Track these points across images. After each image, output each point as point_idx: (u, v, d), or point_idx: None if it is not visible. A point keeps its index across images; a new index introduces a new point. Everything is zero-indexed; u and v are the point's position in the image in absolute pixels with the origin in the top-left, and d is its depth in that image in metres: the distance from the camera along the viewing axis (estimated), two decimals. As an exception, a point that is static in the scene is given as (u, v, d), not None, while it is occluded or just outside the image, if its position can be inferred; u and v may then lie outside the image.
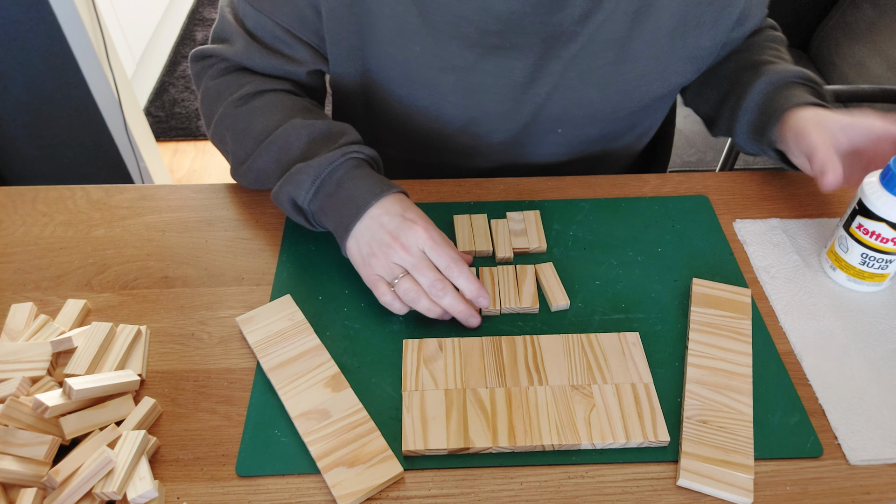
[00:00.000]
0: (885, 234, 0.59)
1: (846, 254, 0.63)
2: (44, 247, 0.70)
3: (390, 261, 0.60)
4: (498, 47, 0.69)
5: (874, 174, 0.60)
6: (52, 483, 0.48)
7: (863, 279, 0.63)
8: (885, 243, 0.59)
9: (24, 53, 1.48)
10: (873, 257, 0.61)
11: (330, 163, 0.63)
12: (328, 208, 0.63)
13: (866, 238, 0.60)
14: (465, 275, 0.59)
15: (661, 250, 0.69)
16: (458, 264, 0.59)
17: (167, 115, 2.21)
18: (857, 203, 0.61)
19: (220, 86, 0.72)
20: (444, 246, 0.59)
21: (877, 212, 0.58)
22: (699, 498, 0.51)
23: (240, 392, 0.58)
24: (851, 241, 0.62)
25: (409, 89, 0.73)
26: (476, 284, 0.59)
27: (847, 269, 0.63)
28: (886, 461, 0.53)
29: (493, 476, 0.53)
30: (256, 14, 0.69)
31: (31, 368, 0.56)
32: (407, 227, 0.59)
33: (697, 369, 0.58)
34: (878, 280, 0.63)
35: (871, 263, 0.61)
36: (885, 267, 0.62)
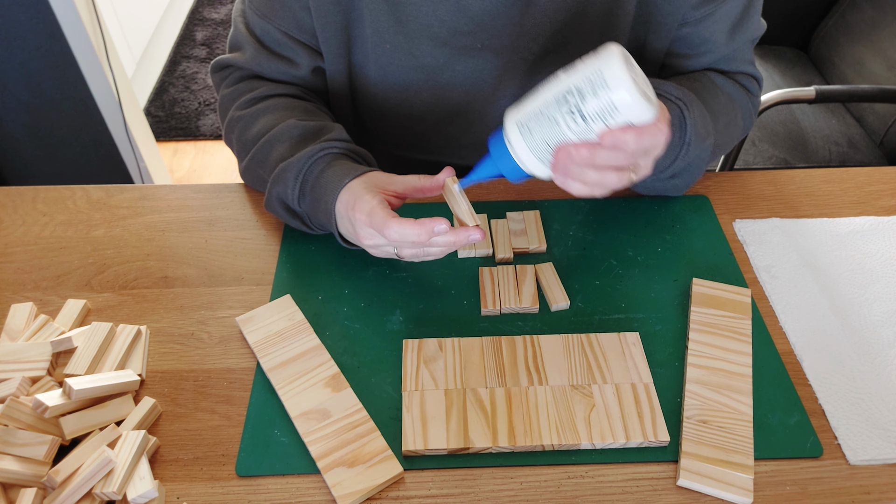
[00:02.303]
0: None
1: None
2: (44, 247, 0.70)
3: (377, 252, 0.61)
4: (469, 48, 0.69)
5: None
6: (52, 483, 0.48)
7: None
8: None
9: (24, 53, 1.48)
10: None
11: (308, 157, 0.63)
12: (314, 206, 0.63)
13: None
14: (398, 231, 0.55)
15: (661, 250, 0.69)
16: (386, 227, 0.56)
17: (167, 115, 2.21)
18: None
19: (232, 93, 0.74)
20: (374, 219, 0.57)
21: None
22: (699, 498, 0.51)
23: (240, 392, 0.58)
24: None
25: (384, 86, 0.73)
26: (415, 229, 0.55)
27: None
28: (886, 461, 0.53)
29: (493, 476, 0.53)
30: (261, 21, 0.70)
31: (31, 368, 0.56)
32: (355, 222, 0.58)
33: (697, 369, 0.58)
34: None
35: None
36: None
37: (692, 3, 0.67)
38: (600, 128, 0.50)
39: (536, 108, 0.52)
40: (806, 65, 1.54)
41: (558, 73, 0.52)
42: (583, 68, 0.50)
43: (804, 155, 1.31)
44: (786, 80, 1.48)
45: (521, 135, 0.53)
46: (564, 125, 0.51)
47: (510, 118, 0.54)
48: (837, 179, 0.78)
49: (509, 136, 0.53)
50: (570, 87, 0.50)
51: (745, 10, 0.70)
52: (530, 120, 0.52)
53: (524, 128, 0.52)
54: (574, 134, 0.51)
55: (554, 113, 0.51)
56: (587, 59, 0.50)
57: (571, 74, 0.50)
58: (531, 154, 0.53)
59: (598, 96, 0.49)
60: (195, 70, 2.38)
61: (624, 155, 0.52)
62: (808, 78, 1.50)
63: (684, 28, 0.70)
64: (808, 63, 1.55)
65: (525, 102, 0.53)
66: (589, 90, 0.49)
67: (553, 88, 0.51)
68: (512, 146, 0.53)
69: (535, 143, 0.52)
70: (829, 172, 0.78)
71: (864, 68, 1.39)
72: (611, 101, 0.49)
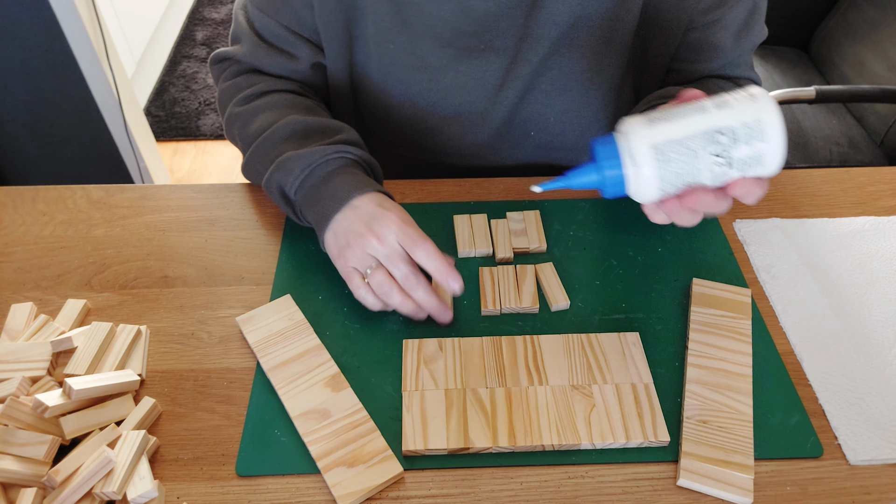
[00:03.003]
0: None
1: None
2: (44, 246, 0.70)
3: (365, 251, 0.59)
4: (472, 48, 0.69)
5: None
6: (52, 483, 0.48)
7: None
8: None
9: (24, 53, 1.48)
10: None
11: (322, 155, 0.63)
12: (311, 200, 0.63)
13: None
14: (429, 253, 0.58)
15: (661, 250, 0.69)
16: (423, 242, 0.58)
17: (167, 114, 2.21)
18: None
19: (231, 87, 0.73)
20: (413, 227, 0.59)
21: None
22: (699, 498, 0.51)
23: (240, 392, 0.58)
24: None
25: (386, 86, 0.73)
26: (442, 262, 0.58)
27: None
28: (886, 461, 0.53)
29: (493, 476, 0.53)
30: (261, 15, 0.70)
31: (31, 368, 0.56)
32: (381, 216, 0.59)
33: (697, 369, 0.58)
34: None
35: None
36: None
37: (700, 8, 0.67)
38: (735, 175, 0.48)
39: (680, 136, 0.48)
40: (806, 65, 1.54)
41: (705, 102, 0.48)
42: (738, 109, 0.47)
43: (805, 155, 1.31)
44: (786, 80, 1.48)
45: (657, 160, 0.48)
46: (706, 165, 0.48)
47: (640, 136, 0.48)
48: (838, 179, 0.78)
49: (636, 155, 0.48)
50: (723, 126, 0.47)
51: (751, 16, 0.70)
52: (670, 147, 0.48)
53: (662, 153, 0.48)
54: (710, 174, 0.48)
55: (699, 149, 0.47)
56: (741, 98, 0.48)
57: (725, 112, 0.47)
58: (659, 181, 0.49)
59: (752, 145, 0.47)
60: (195, 70, 2.38)
61: (729, 204, 0.50)
62: (808, 78, 1.50)
63: (691, 33, 0.70)
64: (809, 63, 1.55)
65: (661, 123, 0.48)
66: (743, 136, 0.47)
67: (700, 120, 0.47)
68: (638, 167, 0.48)
69: (668, 172, 0.48)
70: (829, 172, 0.78)
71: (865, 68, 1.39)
72: (760, 153, 0.47)
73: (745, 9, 0.69)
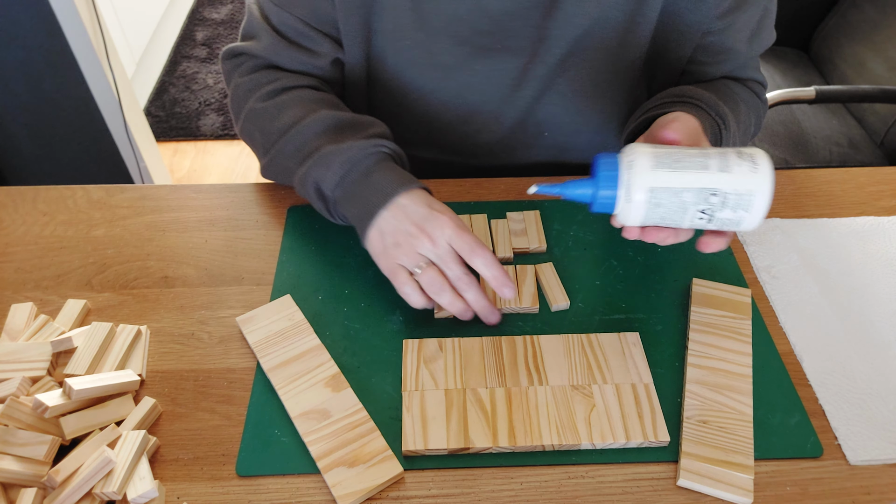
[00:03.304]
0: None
1: None
2: (44, 246, 0.70)
3: (415, 251, 0.59)
4: (488, 48, 0.69)
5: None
6: (52, 483, 0.48)
7: None
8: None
9: (24, 53, 1.48)
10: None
11: (361, 149, 0.62)
12: (351, 196, 0.62)
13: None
14: (487, 261, 0.58)
15: (661, 250, 0.69)
16: (481, 249, 0.58)
17: (167, 115, 2.21)
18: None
19: (249, 83, 0.72)
20: (469, 233, 0.59)
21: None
22: (699, 498, 0.51)
23: (240, 392, 0.58)
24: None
25: (400, 83, 0.73)
26: (499, 270, 0.58)
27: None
28: (887, 461, 0.53)
29: (493, 476, 0.53)
30: (278, 10, 0.69)
31: (31, 368, 0.56)
32: (434, 218, 0.59)
33: (697, 369, 0.58)
34: None
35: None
36: None
37: (716, 12, 0.68)
38: (711, 228, 0.52)
39: (677, 187, 0.50)
40: (806, 65, 1.54)
41: (710, 154, 0.51)
42: (737, 176, 0.49)
43: (805, 155, 1.31)
44: (786, 80, 1.48)
45: (649, 200, 0.51)
46: (690, 215, 0.51)
47: (643, 178, 0.50)
48: (838, 180, 0.78)
49: (633, 190, 0.51)
50: (717, 189, 0.49)
51: (762, 19, 0.71)
52: (664, 194, 0.50)
53: (655, 197, 0.51)
54: (689, 223, 0.52)
55: (689, 203, 0.50)
56: (743, 164, 0.50)
57: (724, 175, 0.49)
58: (643, 218, 0.52)
59: (736, 212, 0.50)
60: (195, 70, 2.38)
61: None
62: (808, 78, 1.50)
63: (707, 37, 0.71)
64: (809, 63, 1.55)
65: (663, 168, 0.50)
66: (732, 203, 0.50)
67: (700, 177, 0.50)
68: (630, 200, 0.51)
69: (655, 214, 0.51)
70: (829, 173, 0.78)
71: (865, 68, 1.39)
72: (740, 219, 0.50)
73: (757, 12, 0.70)
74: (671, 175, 0.50)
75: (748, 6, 0.68)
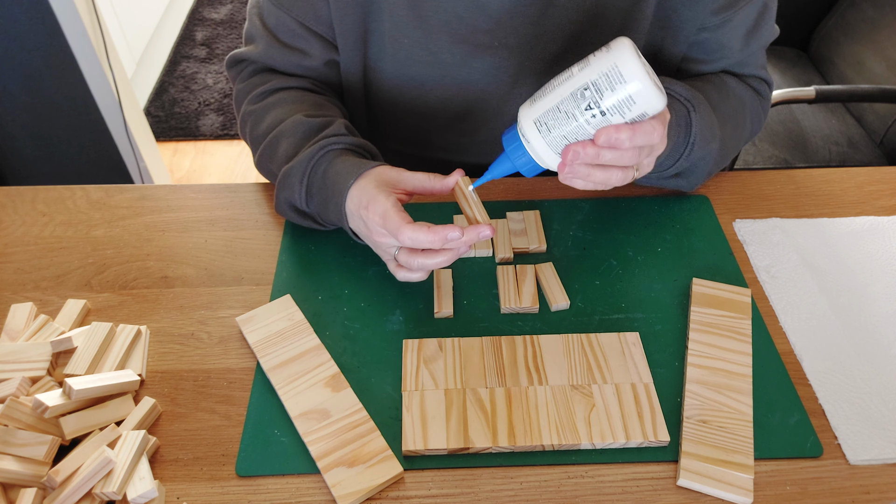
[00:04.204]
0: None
1: None
2: (44, 247, 0.70)
3: (381, 249, 0.61)
4: (486, 45, 0.69)
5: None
6: (52, 483, 0.48)
7: None
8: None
9: (24, 53, 1.48)
10: None
11: (310, 158, 0.63)
12: (321, 208, 0.63)
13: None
14: (412, 236, 0.55)
15: (661, 250, 0.69)
16: (403, 230, 0.55)
17: (167, 115, 2.21)
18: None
19: (246, 87, 0.74)
20: (393, 218, 0.56)
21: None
22: (699, 498, 0.51)
23: (240, 392, 0.58)
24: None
25: (399, 81, 0.73)
26: (427, 234, 0.55)
27: None
28: (886, 461, 0.53)
29: (493, 476, 0.53)
30: (276, 11, 0.70)
31: (31, 368, 0.56)
32: (367, 219, 0.58)
33: (697, 369, 0.58)
34: None
35: None
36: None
37: (711, 9, 0.68)
38: (618, 120, 0.51)
39: (553, 104, 0.52)
40: (806, 65, 1.54)
41: (572, 68, 0.52)
42: (597, 63, 0.51)
43: (804, 155, 1.31)
44: (786, 79, 1.48)
45: (539, 132, 0.53)
46: (583, 120, 0.52)
47: (526, 116, 0.54)
48: (837, 179, 0.78)
49: (525, 133, 0.54)
50: (587, 82, 0.51)
51: (760, 16, 0.71)
52: (548, 117, 0.53)
53: (542, 125, 0.53)
54: (593, 128, 0.52)
55: (572, 109, 0.52)
56: (599, 54, 0.51)
57: (586, 70, 0.51)
58: (549, 149, 0.54)
59: (616, 91, 0.50)
60: (195, 70, 2.38)
61: (623, 154, 0.53)
62: (807, 78, 1.50)
63: (702, 33, 0.70)
64: (808, 63, 1.55)
65: (540, 99, 0.54)
66: (606, 85, 0.50)
67: (568, 84, 0.52)
68: (529, 143, 0.54)
69: (553, 138, 0.53)
70: (828, 172, 0.78)
71: (864, 68, 1.39)
72: (628, 95, 0.50)
73: (754, 9, 0.69)
74: (545, 100, 0.53)
75: (745, 3, 0.68)
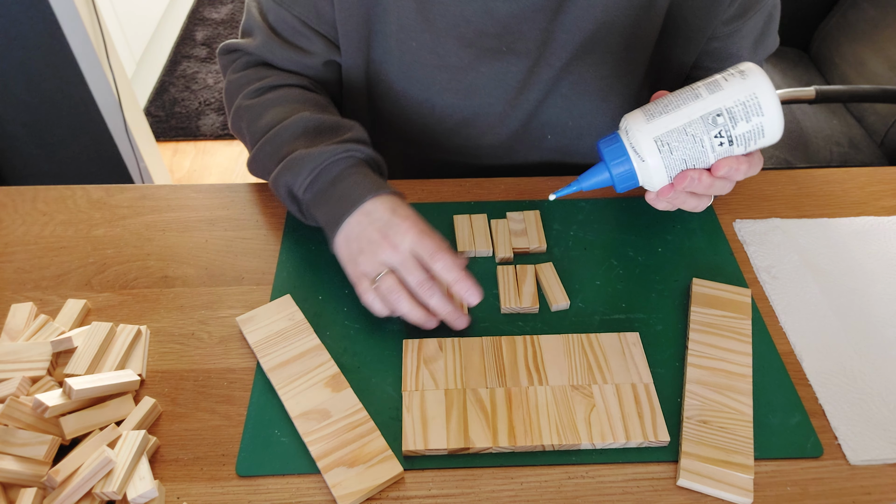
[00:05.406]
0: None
1: None
2: (44, 246, 0.70)
3: (377, 259, 0.59)
4: (494, 50, 0.69)
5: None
6: (52, 483, 0.48)
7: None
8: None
9: (24, 53, 1.48)
10: None
11: (331, 155, 0.62)
12: (321, 201, 0.63)
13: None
14: (447, 264, 0.57)
15: (661, 250, 0.69)
16: (441, 254, 0.58)
17: (167, 115, 2.21)
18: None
19: (240, 79, 0.72)
20: (432, 238, 0.58)
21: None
22: (699, 498, 0.51)
23: (240, 392, 0.58)
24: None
25: (405, 84, 0.73)
26: (460, 274, 0.58)
27: None
28: (887, 461, 0.53)
29: (493, 476, 0.53)
30: (276, 7, 0.69)
31: (31, 368, 0.56)
32: (396, 225, 0.59)
33: (697, 369, 0.58)
34: None
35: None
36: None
37: (723, 18, 0.68)
38: (739, 151, 0.50)
39: (679, 125, 0.50)
40: (806, 65, 1.54)
41: (698, 88, 0.50)
42: (731, 89, 0.49)
43: (805, 155, 1.31)
44: (786, 80, 1.48)
45: (660, 152, 0.51)
46: (710, 147, 0.50)
47: (643, 131, 0.51)
48: (838, 180, 0.78)
49: (641, 149, 0.51)
50: (721, 108, 0.49)
51: (766, 26, 0.71)
52: (672, 137, 0.50)
53: (664, 145, 0.51)
54: (714, 155, 0.51)
55: (700, 134, 0.50)
56: (732, 79, 0.49)
57: (718, 94, 0.49)
58: (664, 170, 0.52)
59: (751, 121, 0.49)
60: (195, 70, 2.38)
61: (731, 184, 0.53)
62: (808, 78, 1.50)
63: (713, 42, 0.71)
64: (809, 63, 1.55)
65: (660, 116, 0.51)
66: (742, 114, 0.49)
67: (697, 106, 0.50)
68: (644, 161, 0.51)
69: (673, 160, 0.51)
70: (829, 172, 0.78)
71: (865, 68, 1.39)
72: (760, 126, 0.49)
73: (761, 18, 0.70)
74: (668, 118, 0.51)
75: (753, 12, 0.68)
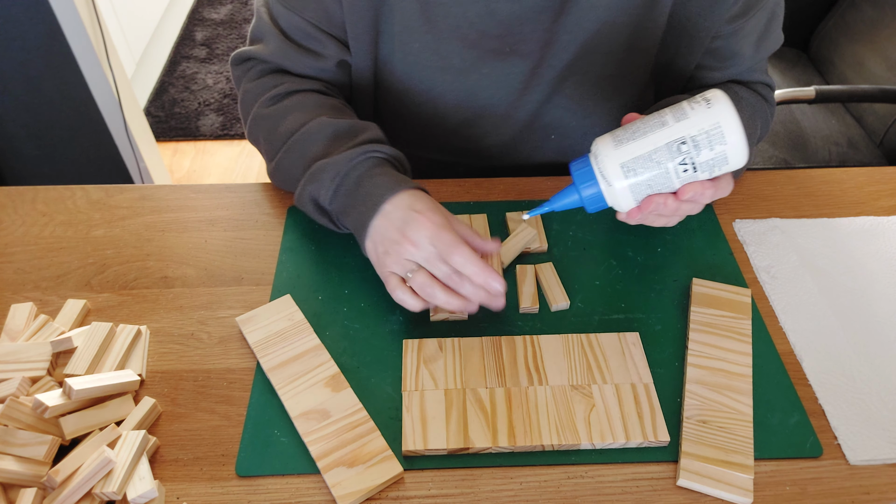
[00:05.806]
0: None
1: None
2: (44, 247, 0.70)
3: (402, 257, 0.58)
4: (497, 51, 0.69)
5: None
6: (52, 483, 0.48)
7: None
8: None
9: (24, 53, 1.48)
10: None
11: (350, 160, 0.62)
12: (348, 207, 0.62)
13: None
14: (465, 257, 0.56)
15: (661, 250, 0.69)
16: (458, 247, 0.57)
17: (167, 115, 2.21)
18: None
19: (256, 87, 0.72)
20: (448, 231, 0.57)
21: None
22: (699, 498, 0.51)
23: (240, 392, 0.58)
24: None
25: (409, 85, 0.73)
26: (479, 266, 0.57)
27: None
28: (886, 461, 0.53)
29: (493, 476, 0.53)
30: (287, 13, 0.69)
31: (31, 368, 0.56)
32: (413, 221, 0.58)
33: (697, 369, 0.58)
34: None
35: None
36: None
37: (726, 17, 0.68)
38: (704, 176, 0.52)
39: (645, 151, 0.52)
40: (806, 65, 1.54)
41: (664, 116, 0.52)
42: (696, 118, 0.51)
43: (804, 155, 1.31)
44: (786, 80, 1.48)
45: (626, 177, 0.53)
46: (674, 174, 0.52)
47: (610, 156, 0.53)
48: (837, 180, 0.78)
49: (607, 174, 0.53)
50: (685, 136, 0.51)
51: (769, 23, 0.71)
52: (637, 164, 0.52)
53: (629, 170, 0.53)
54: (678, 180, 0.53)
55: (665, 161, 0.52)
56: (697, 107, 0.51)
57: (684, 122, 0.51)
58: (630, 194, 0.54)
59: (714, 149, 0.50)
60: (195, 70, 2.38)
61: (697, 206, 0.55)
62: (807, 78, 1.50)
63: (716, 41, 0.71)
64: (808, 63, 1.55)
65: (628, 143, 0.53)
66: (705, 143, 0.50)
67: (663, 133, 0.52)
68: (611, 185, 0.54)
69: (637, 184, 0.53)
70: (828, 172, 0.78)
71: (864, 68, 1.39)
72: (724, 154, 0.50)
73: (764, 17, 0.70)
74: (635, 145, 0.53)
75: (756, 10, 0.69)
